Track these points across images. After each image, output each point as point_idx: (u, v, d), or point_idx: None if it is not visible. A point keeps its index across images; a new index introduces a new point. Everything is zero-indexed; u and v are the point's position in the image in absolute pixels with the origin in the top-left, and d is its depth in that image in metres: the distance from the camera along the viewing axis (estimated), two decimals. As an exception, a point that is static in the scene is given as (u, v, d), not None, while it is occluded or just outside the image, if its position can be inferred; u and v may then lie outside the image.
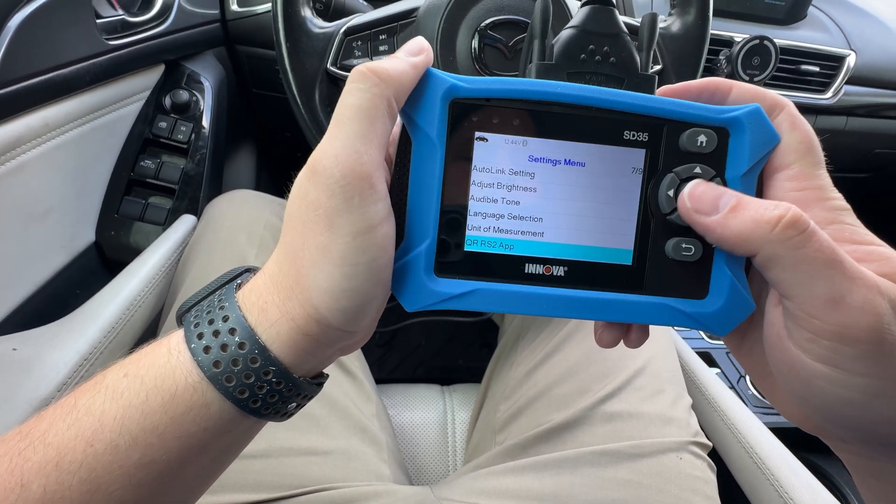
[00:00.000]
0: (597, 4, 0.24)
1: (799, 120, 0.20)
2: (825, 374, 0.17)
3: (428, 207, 0.20)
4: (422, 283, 0.20)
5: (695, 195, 0.19)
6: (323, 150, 0.18)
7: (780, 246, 0.17)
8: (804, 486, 0.41)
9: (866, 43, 0.86)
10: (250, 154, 0.92)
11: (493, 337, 0.66)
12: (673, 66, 0.49)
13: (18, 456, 0.18)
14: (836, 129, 0.87)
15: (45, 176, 0.48)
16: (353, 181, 0.18)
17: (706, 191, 0.19)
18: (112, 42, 0.52)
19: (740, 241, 0.18)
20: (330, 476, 0.37)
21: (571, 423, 0.41)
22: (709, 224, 0.19)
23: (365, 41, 0.46)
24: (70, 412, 0.18)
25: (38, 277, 0.50)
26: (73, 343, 0.41)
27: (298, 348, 0.19)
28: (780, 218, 0.17)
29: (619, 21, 0.24)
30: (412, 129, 0.20)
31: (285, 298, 0.19)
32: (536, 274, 0.21)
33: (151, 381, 0.19)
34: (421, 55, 0.20)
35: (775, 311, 0.19)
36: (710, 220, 0.19)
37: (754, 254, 0.18)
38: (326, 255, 0.18)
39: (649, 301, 0.21)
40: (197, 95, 0.65)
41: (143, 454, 0.18)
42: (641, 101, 0.20)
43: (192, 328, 0.19)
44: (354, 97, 0.18)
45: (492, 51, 0.46)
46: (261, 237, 0.51)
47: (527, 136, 0.20)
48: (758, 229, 0.17)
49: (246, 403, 0.19)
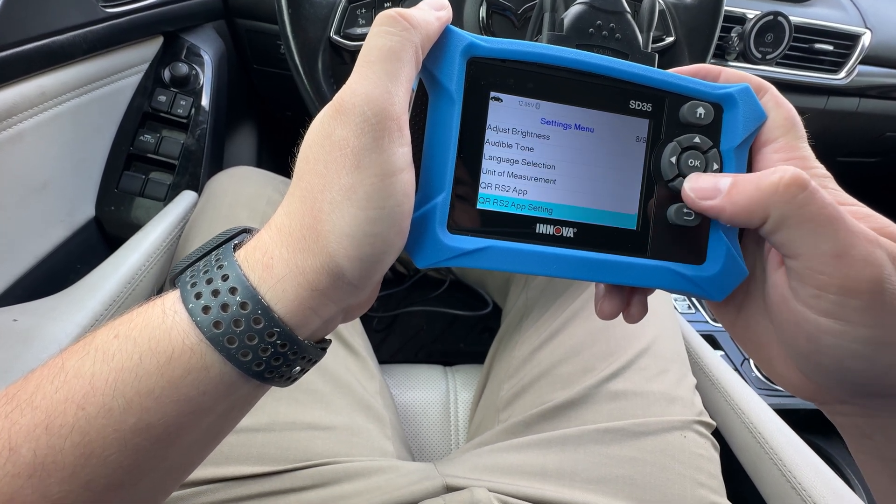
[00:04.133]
0: None
1: (782, 99, 0.22)
2: (832, 328, 0.18)
3: (444, 162, 0.20)
4: (435, 238, 0.20)
5: (695, 186, 0.21)
6: (352, 88, 0.18)
7: (786, 206, 0.18)
8: (807, 465, 0.41)
9: (883, 21, 0.84)
10: (252, 132, 0.91)
11: (494, 322, 0.66)
12: (685, 39, 0.48)
13: (5, 419, 0.17)
14: (847, 110, 0.85)
15: (43, 147, 0.47)
16: (384, 121, 0.17)
17: (704, 179, 0.21)
18: (109, 10, 0.51)
19: (750, 211, 0.19)
20: (333, 451, 0.37)
21: (575, 401, 0.40)
22: (717, 205, 0.20)
23: (369, 9, 0.44)
24: (58, 374, 0.18)
25: (37, 251, 0.49)
26: (73, 315, 0.40)
27: (304, 306, 0.18)
28: (780, 179, 0.18)
29: (623, 0, 0.26)
30: (431, 84, 0.20)
31: (295, 251, 0.18)
32: (546, 234, 0.21)
33: (145, 343, 0.18)
34: (444, 10, 0.20)
35: (777, 274, 0.21)
36: (717, 202, 0.20)
37: (765, 219, 0.19)
38: (351, 197, 0.18)
39: (652, 264, 0.22)
40: (196, 69, 0.63)
41: (138, 418, 0.17)
42: (648, 73, 0.22)
43: (189, 288, 0.19)
44: (384, 39, 0.18)
45: (500, 19, 0.45)
46: (263, 213, 0.50)
47: (540, 100, 0.21)
48: (763, 195, 0.18)
49: (249, 366, 0.18)
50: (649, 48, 0.26)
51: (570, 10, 0.26)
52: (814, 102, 0.83)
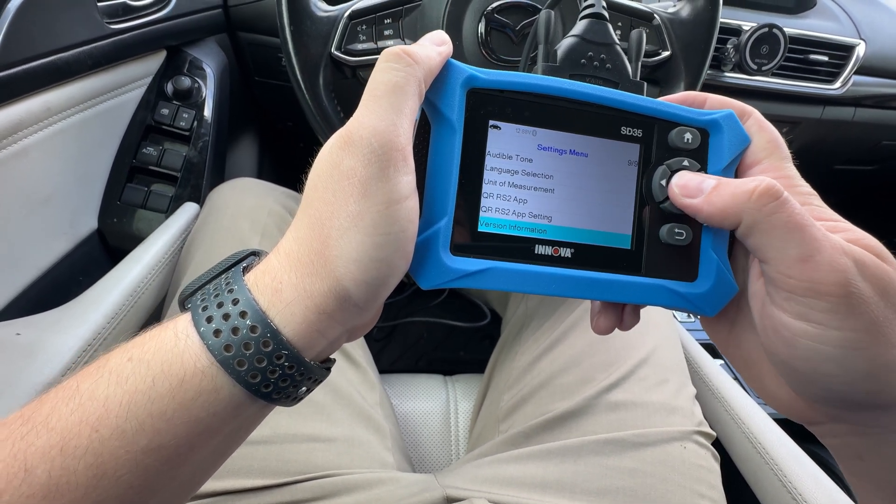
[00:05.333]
0: (593, 18, 0.28)
1: (765, 123, 0.23)
2: (804, 331, 0.19)
3: (446, 188, 0.21)
4: (439, 260, 0.21)
5: (681, 183, 0.22)
6: (359, 121, 0.19)
7: (757, 213, 0.19)
8: (807, 475, 0.41)
9: (877, 32, 0.84)
10: (253, 143, 0.91)
11: (494, 330, 0.66)
12: (682, 53, 0.49)
13: (21, 440, 0.17)
14: (843, 120, 0.86)
15: (47, 161, 0.48)
16: (390, 152, 0.18)
17: (691, 178, 0.22)
18: (113, 26, 0.52)
19: (725, 215, 0.20)
20: (334, 463, 0.37)
21: (575, 412, 0.41)
22: (696, 204, 0.21)
23: (370, 25, 0.45)
24: (73, 396, 0.18)
25: (40, 263, 0.49)
26: (76, 329, 0.40)
27: (312, 329, 0.19)
28: (755, 188, 0.19)
29: (612, 33, 0.27)
30: (433, 114, 0.22)
31: (303, 275, 0.19)
32: (545, 255, 0.22)
33: (158, 366, 0.18)
34: (444, 45, 0.21)
35: (758, 284, 0.22)
36: (697, 201, 0.21)
37: (737, 223, 0.20)
38: (358, 224, 0.18)
39: (647, 282, 0.23)
40: (199, 82, 0.64)
41: (150, 439, 0.18)
42: (637, 101, 0.23)
43: (200, 311, 0.19)
44: (389, 75, 0.19)
45: (498, 35, 0.45)
46: (264, 225, 0.50)
47: (536, 127, 0.22)
48: (737, 201, 0.20)
49: (257, 388, 0.19)
50: (638, 76, 0.28)
51: (563, 42, 0.27)
52: (810, 112, 0.84)
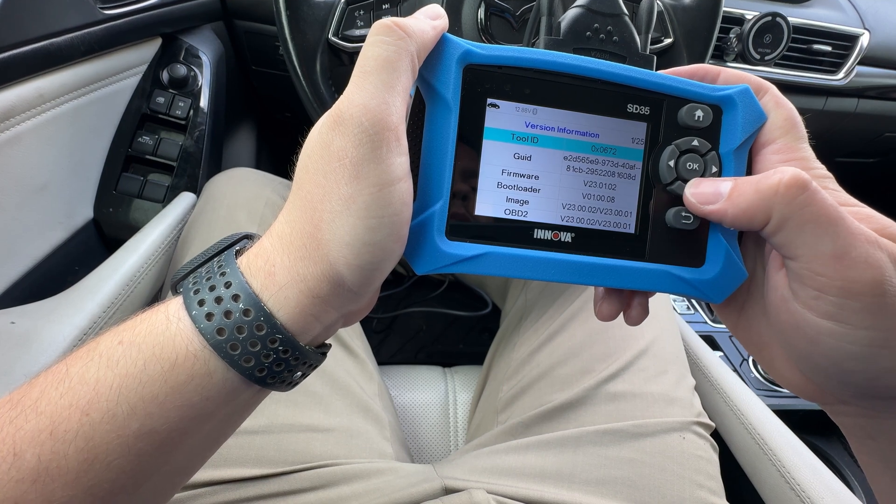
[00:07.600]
0: None
1: (782, 100, 0.21)
2: (831, 330, 0.18)
3: (441, 170, 0.20)
4: (434, 245, 0.20)
5: (696, 192, 0.21)
6: (349, 99, 0.18)
7: (787, 207, 0.18)
8: (806, 466, 0.41)
9: (881, 22, 0.84)
10: (250, 133, 0.91)
11: (493, 322, 0.66)
12: (684, 40, 0.48)
13: (10, 424, 0.17)
14: (845, 111, 0.86)
15: (41, 149, 0.47)
16: (382, 131, 0.18)
17: (706, 184, 0.21)
18: (107, 11, 0.51)
19: (752, 214, 0.19)
20: (332, 453, 0.37)
21: (574, 402, 0.40)
22: (719, 209, 0.20)
23: (367, 10, 0.44)
24: (63, 380, 0.18)
25: (35, 252, 0.49)
26: (71, 318, 0.40)
27: (306, 313, 0.19)
28: (780, 181, 0.18)
29: (620, 3, 0.26)
30: (427, 92, 0.20)
31: (297, 259, 0.18)
32: (545, 239, 0.21)
33: (149, 350, 0.18)
34: (439, 19, 0.20)
35: (778, 276, 0.20)
36: (718, 206, 0.20)
37: (766, 221, 0.18)
38: (350, 207, 0.18)
39: (651, 268, 0.22)
40: (195, 70, 0.63)
41: (142, 423, 0.18)
42: (645, 76, 0.22)
43: (192, 294, 0.19)
44: (380, 49, 0.18)
45: (498, 21, 0.45)
46: (261, 215, 0.50)
47: (537, 105, 0.21)
48: (763, 197, 0.18)
49: (251, 372, 0.18)
50: (647, 50, 0.26)
51: (567, 14, 0.25)
52: (812, 103, 0.83)
